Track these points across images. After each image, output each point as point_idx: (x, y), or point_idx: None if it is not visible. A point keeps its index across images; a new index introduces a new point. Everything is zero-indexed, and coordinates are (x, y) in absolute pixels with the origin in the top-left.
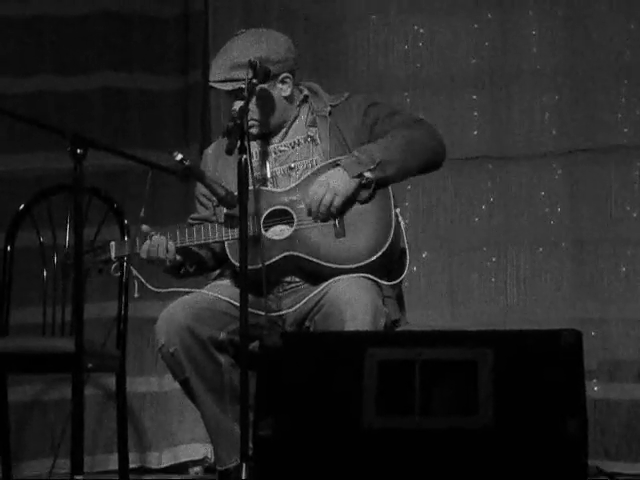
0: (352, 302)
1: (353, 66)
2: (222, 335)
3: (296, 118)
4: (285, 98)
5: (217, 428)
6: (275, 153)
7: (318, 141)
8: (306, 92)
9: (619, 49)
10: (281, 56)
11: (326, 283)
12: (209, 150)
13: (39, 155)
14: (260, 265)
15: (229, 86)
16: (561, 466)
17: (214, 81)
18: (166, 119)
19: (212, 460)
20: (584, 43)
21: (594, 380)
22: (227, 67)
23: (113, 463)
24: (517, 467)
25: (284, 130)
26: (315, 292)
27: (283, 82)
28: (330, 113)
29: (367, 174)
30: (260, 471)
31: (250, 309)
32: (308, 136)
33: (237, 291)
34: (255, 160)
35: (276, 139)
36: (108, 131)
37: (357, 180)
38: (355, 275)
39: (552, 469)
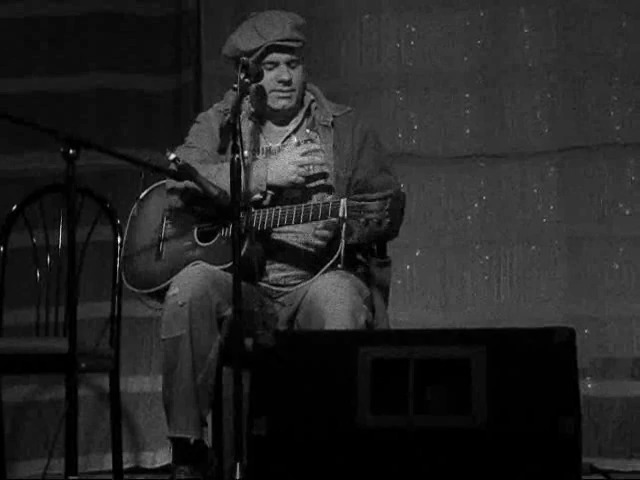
0: (330, 300)
1: (345, 65)
2: (228, 310)
3: (297, 120)
4: (303, 83)
5: (184, 395)
6: (274, 153)
7: (318, 145)
8: (312, 97)
9: (611, 47)
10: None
11: (308, 282)
12: (210, 113)
13: (32, 156)
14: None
15: (294, 44)
16: (555, 464)
17: (280, 40)
18: (159, 118)
19: None
20: (576, 41)
21: (587, 378)
22: (288, 28)
23: (107, 463)
24: (511, 465)
25: (285, 127)
26: (300, 290)
27: (302, 64)
28: (333, 124)
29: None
30: (254, 470)
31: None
32: (308, 139)
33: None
34: (246, 158)
35: (276, 138)
36: (101, 131)
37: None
38: (334, 273)
39: (546, 467)
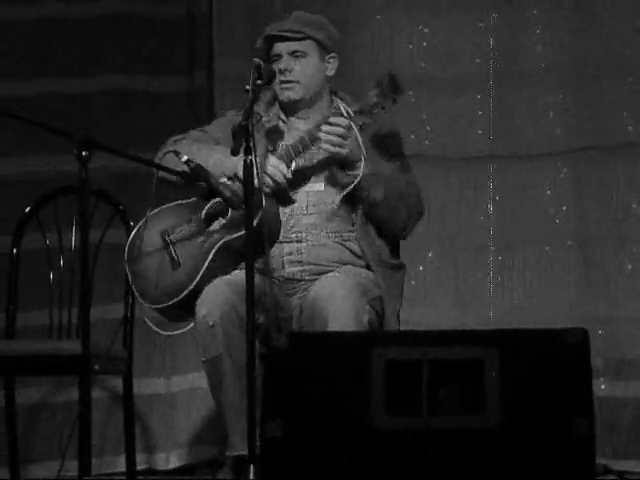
0: (333, 300)
1: (358, 66)
2: (261, 319)
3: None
4: (326, 78)
5: (236, 414)
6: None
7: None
8: (339, 101)
9: (624, 47)
10: (336, 35)
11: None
12: (233, 112)
13: (45, 158)
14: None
15: (291, 34)
16: (569, 465)
17: (278, 30)
18: (172, 121)
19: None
20: (589, 41)
21: (601, 379)
22: (288, 21)
23: (121, 465)
24: (525, 466)
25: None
26: (306, 292)
27: (329, 62)
28: (361, 128)
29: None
30: (268, 472)
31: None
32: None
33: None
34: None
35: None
36: (114, 133)
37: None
38: (337, 273)
39: (560, 468)
